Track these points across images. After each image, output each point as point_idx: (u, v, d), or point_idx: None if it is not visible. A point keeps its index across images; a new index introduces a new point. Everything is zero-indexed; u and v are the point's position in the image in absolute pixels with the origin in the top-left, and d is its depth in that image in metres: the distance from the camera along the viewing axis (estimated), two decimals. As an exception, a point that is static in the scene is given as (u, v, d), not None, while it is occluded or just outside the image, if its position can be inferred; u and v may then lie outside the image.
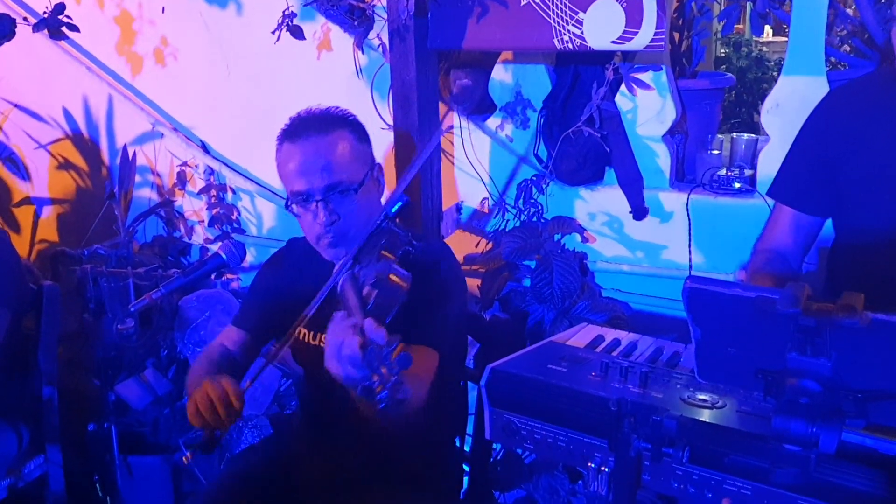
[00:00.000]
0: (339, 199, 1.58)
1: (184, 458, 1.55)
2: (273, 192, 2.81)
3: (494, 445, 2.11)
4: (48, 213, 3.20)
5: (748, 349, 1.15)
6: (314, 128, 1.59)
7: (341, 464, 1.70)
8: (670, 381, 1.35)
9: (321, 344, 1.65)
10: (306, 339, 1.73)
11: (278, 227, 2.89)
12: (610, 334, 1.72)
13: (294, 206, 1.61)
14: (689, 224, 2.26)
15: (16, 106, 3.17)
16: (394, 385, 1.11)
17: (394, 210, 1.43)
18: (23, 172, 3.17)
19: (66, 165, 3.14)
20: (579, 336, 1.71)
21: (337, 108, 1.66)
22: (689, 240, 2.27)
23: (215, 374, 1.63)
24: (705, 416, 1.22)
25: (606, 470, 1.27)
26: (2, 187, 3.17)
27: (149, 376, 2.32)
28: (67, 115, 3.16)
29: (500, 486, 2.17)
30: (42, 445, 2.19)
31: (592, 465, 1.33)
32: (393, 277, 1.26)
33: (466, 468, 1.97)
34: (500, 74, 2.46)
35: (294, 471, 1.73)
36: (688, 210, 2.26)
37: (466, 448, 1.97)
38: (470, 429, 1.96)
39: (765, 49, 5.84)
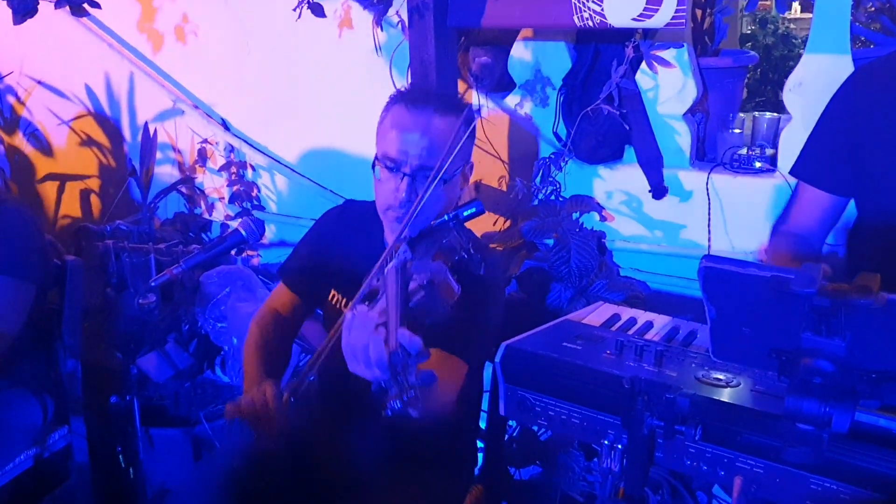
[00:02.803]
0: (426, 182, 1.50)
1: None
2: (292, 170, 2.83)
3: (510, 422, 2.12)
4: (71, 189, 3.24)
5: (763, 329, 1.15)
6: (435, 104, 1.54)
7: (355, 439, 1.71)
8: (685, 360, 1.35)
9: None
10: (339, 306, 1.71)
11: (297, 204, 2.91)
12: (626, 313, 1.71)
13: (379, 166, 1.56)
14: (709, 203, 2.24)
15: (39, 83, 3.20)
16: (410, 400, 1.04)
17: (466, 213, 1.40)
18: (46, 148, 3.21)
19: (88, 142, 3.17)
20: (595, 314, 1.71)
21: (462, 97, 1.62)
22: (709, 219, 2.25)
23: (268, 342, 1.72)
24: (719, 394, 1.23)
25: (620, 447, 1.27)
26: (26, 163, 3.21)
27: (170, 351, 2.35)
28: (90, 92, 3.19)
29: (515, 462, 2.18)
30: (66, 417, 2.24)
31: (606, 442, 1.34)
32: (445, 285, 1.20)
33: (481, 445, 1.98)
34: (520, 52, 2.44)
35: (308, 444, 1.73)
36: (708, 189, 2.24)
37: (482, 425, 1.98)
38: (485, 405, 1.97)
39: (792, 26, 5.72)
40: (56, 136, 3.22)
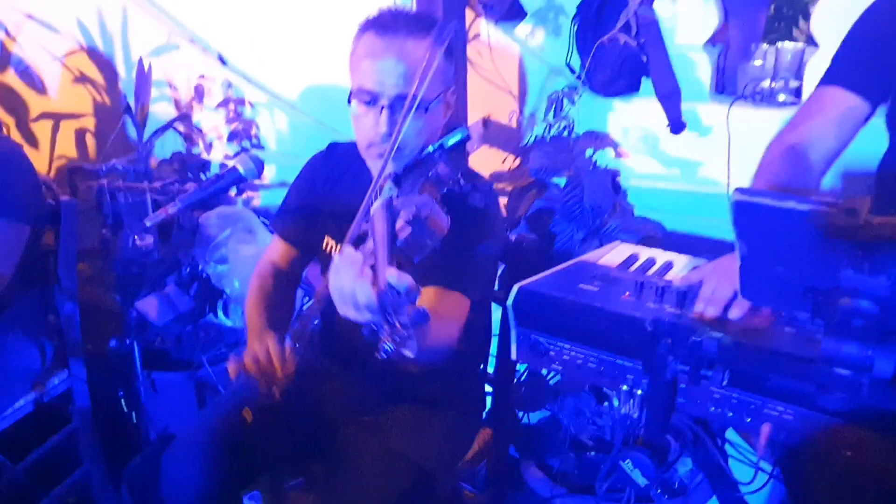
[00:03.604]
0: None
1: (245, 413, 1.54)
2: (292, 107, 2.72)
3: (518, 366, 2.07)
4: (66, 128, 3.13)
5: (798, 266, 1.07)
6: (408, 28, 1.44)
7: (360, 384, 1.66)
8: (709, 301, 1.28)
9: None
10: (334, 253, 1.65)
11: (299, 143, 2.81)
12: (644, 253, 1.64)
13: (355, 102, 1.48)
14: (729, 139, 2.14)
15: (29, 17, 3.07)
16: (402, 341, 0.99)
17: (451, 142, 1.33)
18: (39, 85, 3.10)
19: (81, 79, 3.06)
20: (612, 255, 1.64)
21: (433, 13, 1.53)
22: (729, 156, 2.16)
23: (269, 296, 1.69)
24: (747, 337, 1.15)
25: (639, 393, 1.21)
26: (19, 102, 3.10)
27: (170, 293, 2.29)
28: (82, 27, 3.05)
29: (523, 406, 2.13)
30: (66, 361, 2.19)
31: (625, 388, 1.28)
32: (432, 219, 1.14)
33: (490, 388, 1.93)
34: (531, -22, 2.32)
35: (312, 388, 1.69)
36: (728, 124, 2.13)
37: (490, 369, 1.93)
38: (494, 349, 1.92)
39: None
40: (49, 74, 3.10)
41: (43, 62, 3.08)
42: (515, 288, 1.42)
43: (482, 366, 1.90)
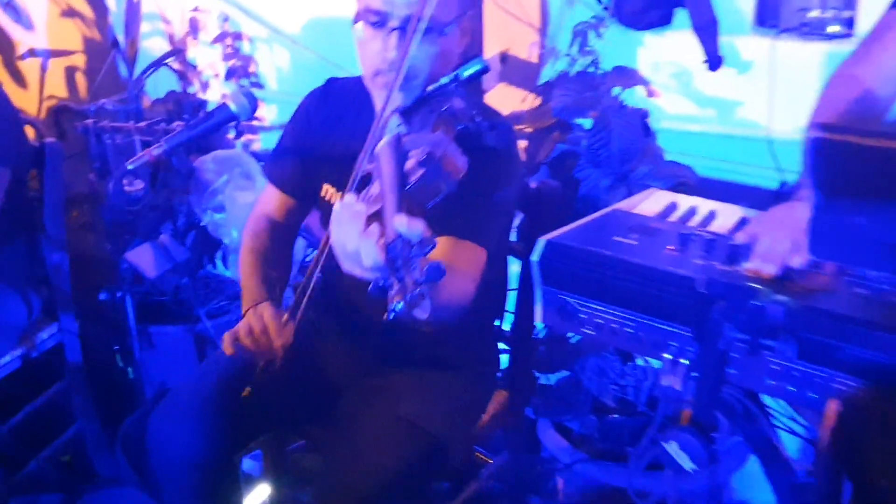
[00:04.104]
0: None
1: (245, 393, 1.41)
2: (293, 42, 2.53)
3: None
4: (55, 66, 2.95)
5: (883, 217, 0.90)
6: None
7: (365, 344, 1.54)
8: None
9: None
10: (331, 199, 1.51)
11: (301, 81, 2.62)
12: (684, 201, 1.48)
13: (361, 24, 1.31)
14: (773, 76, 1.94)
15: (12, -56, 2.87)
16: (414, 300, 0.86)
17: (466, 73, 1.18)
18: (25, 21, 2.90)
19: (69, 13, 2.86)
20: (648, 203, 1.48)
21: None
22: (772, 95, 1.96)
23: (263, 253, 1.55)
24: (814, 301, 0.99)
25: (685, 362, 1.06)
26: (4, 39, 2.91)
27: (164, 243, 2.14)
28: (69, -44, 2.86)
29: (542, 367, 1.99)
30: (55, 314, 2.08)
31: (668, 357, 1.13)
32: (447, 159, 1.00)
33: (505, 347, 1.79)
34: None
35: (314, 348, 1.57)
36: (771, 59, 1.93)
37: (505, 326, 1.78)
38: (511, 305, 1.76)
39: None
40: (35, 7, 2.91)
41: (28, -6, 2.88)
42: (542, 241, 1.27)
43: (498, 323, 1.76)
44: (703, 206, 1.45)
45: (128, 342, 2.24)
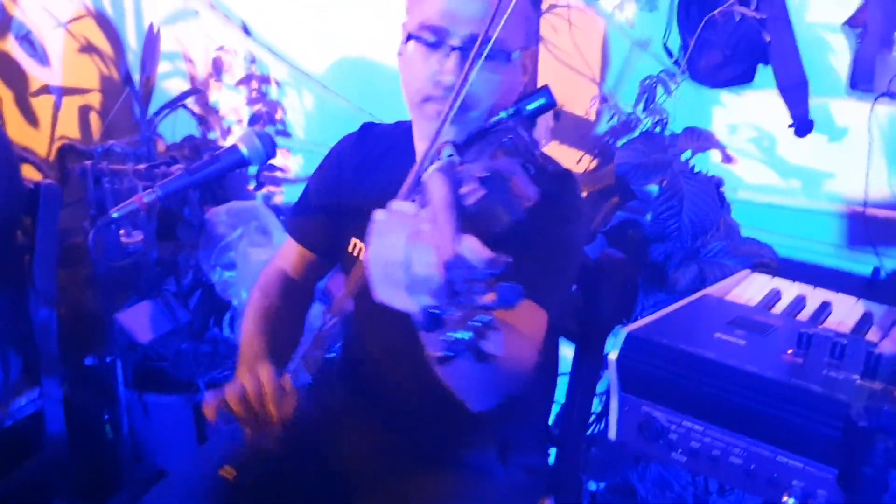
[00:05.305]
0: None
1: (225, 472, 1.16)
2: (324, 87, 2.33)
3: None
4: (69, 105, 2.78)
5: None
6: None
7: (393, 427, 1.31)
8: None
9: None
10: (360, 255, 1.30)
11: (330, 130, 2.40)
12: (787, 288, 1.22)
13: (413, 44, 1.14)
14: (871, 145, 1.70)
15: (32, -24, 2.73)
16: (482, 329, 0.66)
17: (530, 107, 1.01)
18: (41, 56, 2.74)
19: (88, 49, 2.70)
20: (742, 288, 1.22)
21: None
22: (868, 166, 1.71)
23: (273, 313, 1.34)
24: None
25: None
26: (18, 73, 2.75)
27: (162, 303, 1.90)
28: (89, -11, 2.70)
29: (593, 472, 1.70)
30: (37, 377, 1.86)
31: (791, 501, 0.85)
32: (516, 181, 0.81)
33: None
34: (622, -64, 1.90)
35: (332, 430, 1.35)
36: (870, 126, 1.69)
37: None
38: (560, 395, 1.50)
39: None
40: (52, 42, 2.75)
41: (45, 28, 2.72)
42: (623, 333, 1.02)
43: (545, 417, 1.52)
44: (813, 294, 1.20)
45: (117, 412, 2.00)
